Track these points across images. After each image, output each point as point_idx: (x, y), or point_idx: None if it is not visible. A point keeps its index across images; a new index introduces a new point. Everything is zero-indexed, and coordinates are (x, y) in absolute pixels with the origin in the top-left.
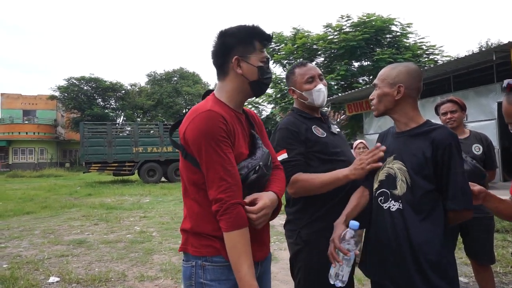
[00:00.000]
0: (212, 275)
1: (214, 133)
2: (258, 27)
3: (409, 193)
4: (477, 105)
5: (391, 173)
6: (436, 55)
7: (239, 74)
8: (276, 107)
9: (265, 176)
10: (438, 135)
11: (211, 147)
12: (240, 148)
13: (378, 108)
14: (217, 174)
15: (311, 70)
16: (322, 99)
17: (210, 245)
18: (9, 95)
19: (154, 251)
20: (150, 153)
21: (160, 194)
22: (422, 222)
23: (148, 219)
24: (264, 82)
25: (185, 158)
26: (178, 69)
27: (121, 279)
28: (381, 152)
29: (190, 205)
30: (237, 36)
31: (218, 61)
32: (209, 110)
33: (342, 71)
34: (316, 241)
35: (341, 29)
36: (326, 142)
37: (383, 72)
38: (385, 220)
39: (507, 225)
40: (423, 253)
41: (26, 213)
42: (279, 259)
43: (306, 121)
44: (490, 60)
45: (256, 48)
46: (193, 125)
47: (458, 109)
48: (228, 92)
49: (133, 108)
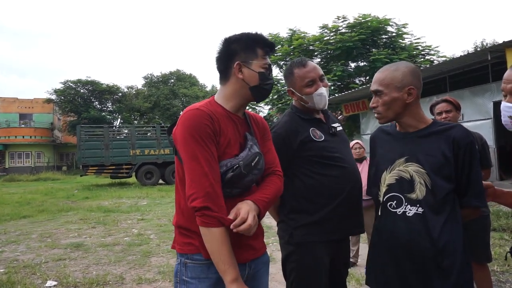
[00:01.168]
0: (193, 272)
1: (198, 129)
2: (261, 34)
3: (430, 196)
4: (473, 104)
5: (405, 176)
6: (432, 55)
7: (239, 79)
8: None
9: (244, 176)
10: (458, 134)
11: (194, 142)
12: (227, 148)
13: (387, 116)
14: (200, 169)
15: (311, 72)
16: (323, 103)
17: (190, 243)
18: (5, 99)
19: (152, 253)
20: (147, 155)
21: (158, 196)
22: (444, 224)
23: (146, 221)
24: (265, 87)
25: (175, 154)
26: (175, 71)
27: (119, 282)
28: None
29: (178, 200)
30: (240, 43)
31: (221, 66)
32: (197, 109)
33: (338, 72)
34: (308, 243)
35: (337, 30)
36: (324, 146)
37: (385, 76)
38: (398, 226)
39: (504, 223)
40: (449, 255)
41: (23, 217)
42: (277, 260)
43: (303, 123)
44: (485, 60)
45: (258, 54)
46: (180, 123)
47: (453, 109)
48: (227, 95)
49: (130, 110)
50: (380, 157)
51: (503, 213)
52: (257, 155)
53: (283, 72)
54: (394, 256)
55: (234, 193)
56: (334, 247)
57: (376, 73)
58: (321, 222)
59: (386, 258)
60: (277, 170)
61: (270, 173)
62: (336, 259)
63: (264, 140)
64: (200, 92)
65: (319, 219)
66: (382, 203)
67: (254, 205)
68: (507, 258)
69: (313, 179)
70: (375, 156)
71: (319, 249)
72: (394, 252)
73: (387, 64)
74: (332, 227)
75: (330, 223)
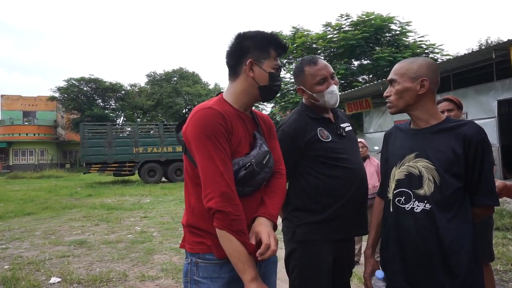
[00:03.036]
0: (205, 272)
1: (212, 129)
2: (276, 35)
3: (437, 192)
4: (477, 103)
5: (414, 172)
6: (436, 53)
7: (250, 77)
8: (276, 107)
9: (257, 174)
10: (469, 131)
11: (209, 142)
12: (239, 147)
13: (397, 105)
14: (216, 169)
15: (323, 70)
16: (334, 101)
17: (202, 242)
18: (9, 97)
19: (155, 251)
20: (150, 153)
21: (161, 194)
22: (451, 221)
23: (149, 219)
24: (273, 88)
25: (185, 153)
26: (178, 69)
27: (122, 279)
28: None
29: (188, 199)
30: (254, 41)
31: (232, 61)
32: (209, 107)
33: (341, 70)
34: (310, 241)
35: (341, 28)
36: (330, 147)
37: (401, 67)
38: (406, 222)
39: (507, 223)
40: (454, 254)
41: (27, 214)
42: (280, 258)
43: (312, 122)
44: (489, 58)
45: (271, 55)
46: (193, 122)
47: (455, 108)
48: (236, 93)
49: (133, 108)
50: (391, 153)
51: (506, 212)
52: (267, 153)
53: (293, 70)
54: (401, 251)
55: (246, 192)
56: (337, 247)
57: (394, 66)
58: (324, 222)
59: (392, 253)
60: (282, 169)
61: (275, 171)
62: (340, 258)
63: (270, 139)
64: (203, 90)
65: (322, 218)
66: (392, 199)
67: (270, 222)
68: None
69: (317, 179)
70: (386, 152)
71: (321, 247)
72: (401, 247)
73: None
74: (335, 227)
75: (333, 223)
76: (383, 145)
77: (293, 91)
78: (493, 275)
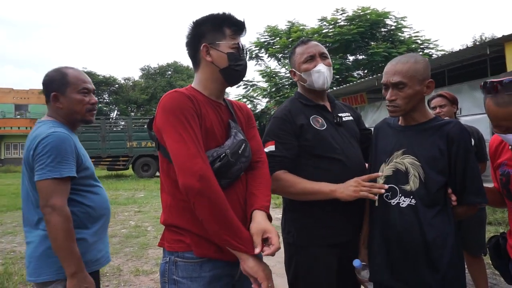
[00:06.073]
0: (184, 271)
1: (181, 109)
2: (229, 13)
3: (422, 188)
4: (471, 98)
5: (400, 168)
6: (431, 49)
7: (209, 62)
8: (271, 101)
9: (233, 165)
10: (452, 130)
11: (178, 123)
12: (212, 134)
13: (405, 109)
14: (187, 150)
15: (311, 47)
16: (322, 81)
17: (180, 240)
18: (1, 90)
19: (149, 245)
20: (144, 147)
21: (155, 188)
22: (435, 217)
23: (143, 213)
24: (236, 69)
25: (158, 149)
26: (172, 63)
27: (116, 274)
28: (383, 190)
29: (165, 198)
30: (207, 24)
31: (191, 51)
32: (175, 91)
33: (336, 65)
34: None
35: (336, 23)
36: (324, 136)
37: (408, 68)
38: (392, 217)
39: (499, 217)
40: (437, 248)
41: (19, 208)
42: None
43: (306, 109)
44: (484, 54)
45: (226, 34)
46: (160, 108)
47: (448, 103)
48: (202, 82)
49: (127, 102)
50: (380, 149)
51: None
52: (243, 142)
53: (289, 55)
54: (386, 244)
55: (223, 184)
56: (339, 247)
57: (393, 65)
58: (318, 223)
59: (377, 246)
60: (262, 157)
61: (256, 160)
62: (344, 258)
63: (248, 127)
64: None
65: (316, 220)
66: (379, 194)
67: (267, 215)
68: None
69: (305, 171)
70: (376, 148)
71: (319, 250)
72: (386, 241)
73: (396, 57)
74: (332, 229)
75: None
76: (373, 139)
77: (288, 86)
78: (485, 268)
